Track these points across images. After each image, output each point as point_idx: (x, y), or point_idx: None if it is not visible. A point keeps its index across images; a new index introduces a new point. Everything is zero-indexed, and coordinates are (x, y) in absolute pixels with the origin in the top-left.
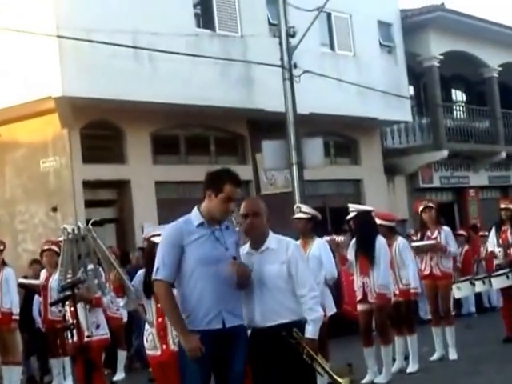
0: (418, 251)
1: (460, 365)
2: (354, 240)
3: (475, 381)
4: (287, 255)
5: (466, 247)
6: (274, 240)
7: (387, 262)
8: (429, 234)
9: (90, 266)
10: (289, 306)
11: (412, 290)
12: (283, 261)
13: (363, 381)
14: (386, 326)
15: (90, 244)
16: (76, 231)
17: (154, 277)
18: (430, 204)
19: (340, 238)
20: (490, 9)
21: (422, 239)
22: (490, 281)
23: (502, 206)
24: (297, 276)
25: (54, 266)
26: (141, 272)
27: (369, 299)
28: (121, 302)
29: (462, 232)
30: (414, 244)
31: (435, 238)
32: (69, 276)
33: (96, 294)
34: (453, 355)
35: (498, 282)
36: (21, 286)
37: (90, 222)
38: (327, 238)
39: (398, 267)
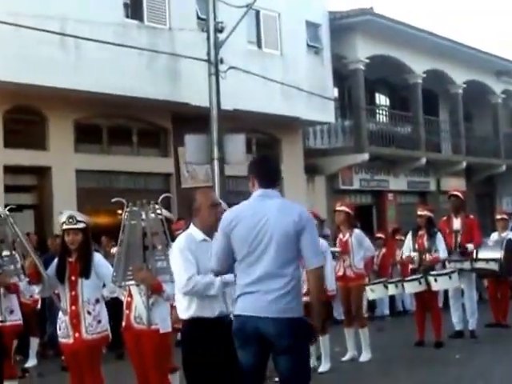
0: None
1: (370, 366)
2: None
3: (383, 383)
4: None
5: (384, 250)
6: None
7: None
8: (341, 236)
9: (6, 253)
10: None
11: (329, 293)
12: None
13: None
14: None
15: (6, 230)
16: None
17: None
18: (340, 208)
19: None
20: (417, 16)
21: (334, 241)
22: (402, 285)
23: (419, 212)
24: None
25: None
26: (57, 259)
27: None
28: (36, 288)
29: (380, 235)
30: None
31: (346, 241)
32: None
33: (13, 279)
34: (364, 357)
35: (411, 287)
36: None
37: (7, 209)
38: None
39: None
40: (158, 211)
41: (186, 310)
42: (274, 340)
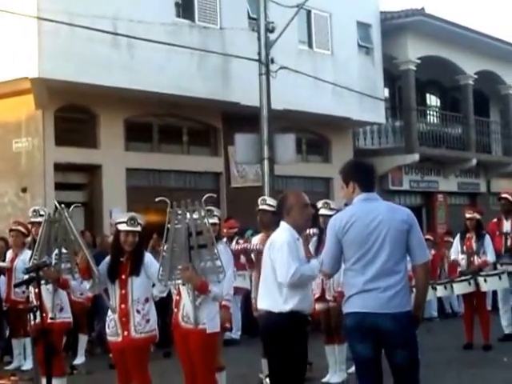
0: None
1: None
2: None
3: None
4: None
5: (433, 252)
6: None
7: None
8: None
9: (64, 250)
10: None
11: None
12: None
13: (323, 379)
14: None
15: (66, 227)
16: (53, 214)
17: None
18: None
19: (312, 231)
20: (469, 16)
21: None
22: (451, 286)
23: (467, 215)
24: None
25: (20, 246)
26: (110, 259)
27: (327, 297)
28: (87, 284)
29: (428, 237)
30: None
31: None
32: (44, 259)
33: (65, 276)
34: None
35: (460, 288)
36: None
37: (73, 206)
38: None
39: None
40: (206, 211)
41: (284, 303)
42: (392, 334)
